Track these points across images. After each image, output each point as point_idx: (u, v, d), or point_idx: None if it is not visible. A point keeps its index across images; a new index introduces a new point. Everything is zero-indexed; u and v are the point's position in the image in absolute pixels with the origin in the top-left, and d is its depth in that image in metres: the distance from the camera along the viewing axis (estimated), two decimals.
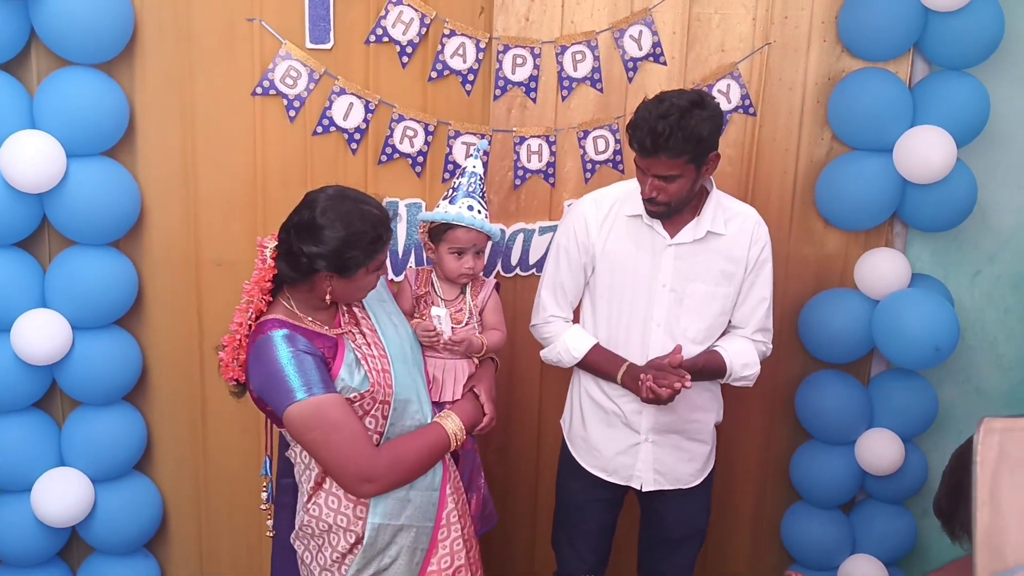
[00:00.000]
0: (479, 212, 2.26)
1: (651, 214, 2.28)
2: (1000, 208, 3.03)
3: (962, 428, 3.17)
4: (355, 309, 2.11)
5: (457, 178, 2.31)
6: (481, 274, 2.36)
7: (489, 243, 2.34)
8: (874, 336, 2.83)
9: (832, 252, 2.97)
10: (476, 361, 2.32)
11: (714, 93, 2.77)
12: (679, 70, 2.75)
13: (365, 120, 2.63)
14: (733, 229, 2.34)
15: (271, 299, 2.02)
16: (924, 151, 2.68)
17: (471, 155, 2.36)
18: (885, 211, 2.84)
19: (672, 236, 2.32)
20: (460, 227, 2.24)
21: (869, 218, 2.86)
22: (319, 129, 2.62)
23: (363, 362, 2.01)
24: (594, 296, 2.41)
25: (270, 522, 2.18)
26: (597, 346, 2.40)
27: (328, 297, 1.98)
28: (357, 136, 2.64)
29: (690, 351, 2.34)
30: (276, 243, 1.98)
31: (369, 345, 2.06)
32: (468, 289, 2.34)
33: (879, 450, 2.89)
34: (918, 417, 2.93)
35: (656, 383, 2.21)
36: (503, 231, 2.77)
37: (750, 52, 2.78)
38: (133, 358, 2.63)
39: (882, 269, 2.85)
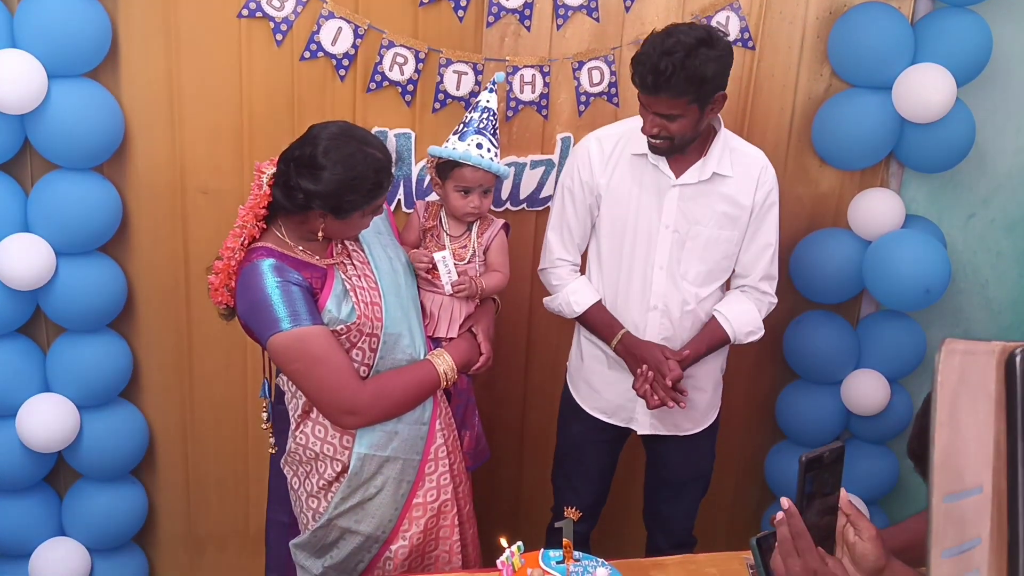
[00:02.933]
0: (488, 150, 2.20)
1: (654, 150, 2.24)
2: (997, 150, 3.00)
3: None
4: (347, 241, 2.09)
5: (469, 112, 2.25)
6: (489, 213, 2.33)
7: (497, 182, 2.29)
8: (864, 277, 2.82)
9: (826, 191, 2.94)
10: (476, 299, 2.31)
11: (712, 24, 2.70)
12: (678, 0, 2.69)
13: (354, 46, 2.56)
14: (740, 171, 2.29)
15: (265, 226, 2.00)
16: (924, 90, 2.64)
17: (486, 88, 2.29)
18: (882, 150, 2.81)
19: (677, 176, 2.28)
20: (467, 166, 2.19)
21: (865, 157, 2.83)
22: (307, 54, 2.55)
23: (351, 294, 2.00)
24: (599, 237, 2.39)
25: (272, 440, 2.19)
26: (598, 304, 2.38)
27: (320, 234, 1.97)
28: (345, 62, 2.58)
29: (690, 293, 2.34)
30: (274, 170, 1.96)
31: (360, 277, 2.05)
32: (475, 227, 2.30)
33: (865, 390, 2.90)
34: (905, 358, 2.94)
35: (652, 392, 2.27)
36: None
37: None
38: (118, 285, 2.60)
39: (876, 209, 2.83)
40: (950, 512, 0.68)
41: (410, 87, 2.63)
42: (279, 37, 2.53)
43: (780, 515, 1.28)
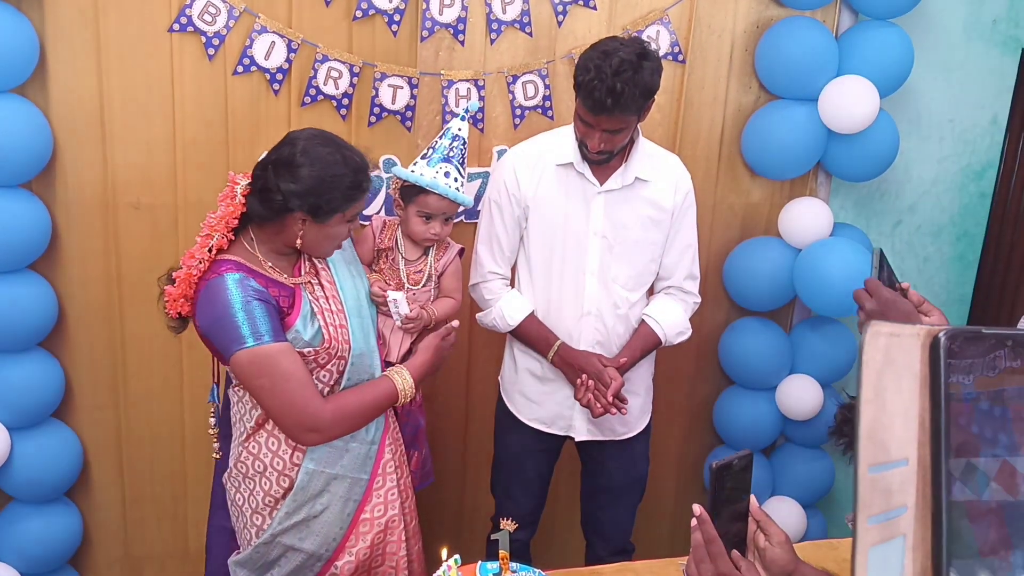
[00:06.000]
0: (455, 179, 2.21)
1: (593, 161, 2.29)
2: (922, 159, 3.09)
3: None
4: (315, 260, 2.07)
5: (439, 137, 2.26)
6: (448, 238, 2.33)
7: (460, 210, 2.30)
8: (795, 284, 2.88)
9: (757, 201, 3.00)
10: None
11: (643, 39, 2.75)
12: (608, 15, 2.73)
13: (288, 60, 2.56)
14: (658, 175, 2.36)
15: (233, 237, 1.96)
16: (848, 101, 2.71)
17: (458, 114, 2.29)
18: (809, 161, 2.88)
19: (602, 183, 2.33)
20: (433, 193, 2.19)
21: (794, 167, 2.89)
22: (240, 68, 2.54)
23: (319, 316, 1.98)
24: (528, 248, 2.41)
25: (216, 444, 2.16)
26: (532, 316, 2.41)
27: (299, 242, 1.93)
28: (280, 76, 2.57)
29: (621, 297, 2.39)
30: (249, 181, 1.93)
31: (327, 299, 2.03)
32: (432, 251, 2.30)
33: (799, 395, 2.96)
34: (837, 363, 3.01)
35: (596, 400, 2.30)
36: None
37: None
38: (48, 304, 2.55)
39: (805, 218, 2.90)
40: (876, 482, 0.71)
41: (345, 101, 2.63)
42: (211, 52, 2.52)
43: (694, 522, 1.31)
